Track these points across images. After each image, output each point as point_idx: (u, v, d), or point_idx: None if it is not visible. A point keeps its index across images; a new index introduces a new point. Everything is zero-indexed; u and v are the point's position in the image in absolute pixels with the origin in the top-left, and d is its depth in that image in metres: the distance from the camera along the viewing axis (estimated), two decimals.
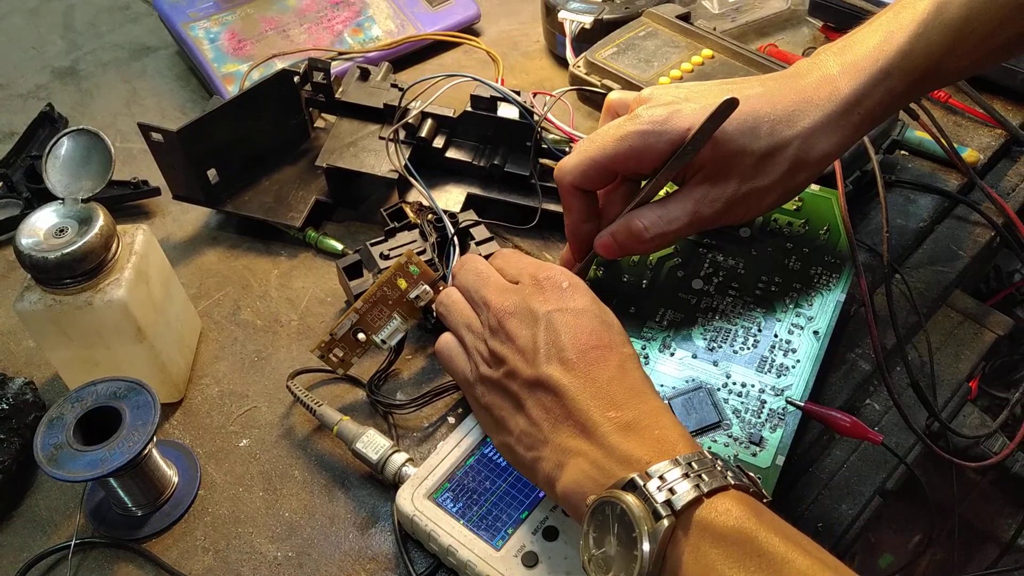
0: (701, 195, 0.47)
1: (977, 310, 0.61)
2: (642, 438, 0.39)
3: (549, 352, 0.42)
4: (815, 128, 0.47)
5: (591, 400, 0.40)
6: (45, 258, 0.46)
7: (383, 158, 0.63)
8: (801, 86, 0.48)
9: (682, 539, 0.35)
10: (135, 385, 0.47)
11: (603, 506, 0.37)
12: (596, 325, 0.43)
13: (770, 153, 0.46)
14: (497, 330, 0.45)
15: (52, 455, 0.45)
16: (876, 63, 0.47)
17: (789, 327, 0.50)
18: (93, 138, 0.51)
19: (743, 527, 0.34)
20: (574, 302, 0.44)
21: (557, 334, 0.43)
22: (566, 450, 0.40)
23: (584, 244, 0.52)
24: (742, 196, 0.47)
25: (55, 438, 0.45)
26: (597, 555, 0.37)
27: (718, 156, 0.46)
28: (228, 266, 0.64)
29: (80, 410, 0.46)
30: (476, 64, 0.80)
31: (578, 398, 0.41)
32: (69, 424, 0.46)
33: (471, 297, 0.48)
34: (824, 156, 0.47)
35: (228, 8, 0.79)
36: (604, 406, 0.40)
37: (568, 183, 0.49)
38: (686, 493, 0.35)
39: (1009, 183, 0.67)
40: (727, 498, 0.36)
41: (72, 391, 0.47)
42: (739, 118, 0.46)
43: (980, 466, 0.55)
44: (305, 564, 0.47)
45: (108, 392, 0.47)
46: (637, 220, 0.48)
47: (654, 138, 0.46)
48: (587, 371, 0.41)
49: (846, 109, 0.47)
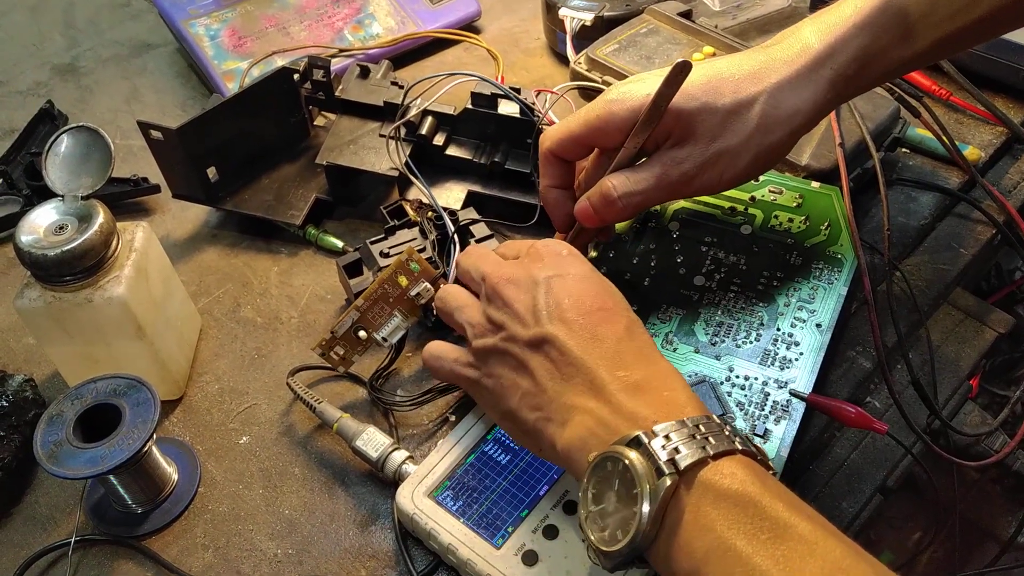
0: (668, 158, 0.48)
1: (978, 308, 0.61)
2: (650, 398, 0.38)
3: (551, 313, 0.42)
4: (782, 83, 0.46)
5: (599, 359, 0.40)
6: (45, 255, 0.46)
7: (383, 156, 0.63)
8: (771, 48, 0.48)
9: (683, 498, 0.34)
10: (135, 382, 0.47)
11: (605, 461, 0.36)
12: (599, 289, 0.43)
13: (735, 110, 0.46)
14: (494, 297, 0.45)
15: (52, 452, 0.45)
16: (849, 19, 0.46)
17: (792, 320, 0.50)
18: (93, 135, 0.51)
19: (747, 491, 0.34)
20: (574, 268, 0.44)
21: (558, 297, 0.42)
22: (571, 407, 0.40)
23: (557, 211, 0.53)
24: (711, 157, 0.47)
25: (55, 435, 0.45)
26: (595, 511, 0.36)
27: (683, 118, 0.46)
28: (228, 263, 0.64)
29: (80, 407, 0.46)
30: (476, 61, 0.80)
31: (584, 356, 0.40)
32: (69, 421, 0.46)
33: (471, 278, 0.48)
34: (794, 112, 0.47)
35: (228, 5, 0.79)
36: (611, 365, 0.39)
37: (546, 149, 0.52)
38: (691, 453, 0.35)
39: (1010, 181, 0.67)
40: (733, 462, 0.35)
41: (72, 388, 0.47)
42: (702, 79, 0.46)
43: (980, 465, 0.55)
44: (305, 561, 0.47)
45: (108, 389, 0.47)
46: (607, 181, 0.48)
47: (617, 106, 0.47)
48: (593, 330, 0.41)
49: (816, 64, 0.46)
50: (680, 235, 0.55)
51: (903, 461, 0.53)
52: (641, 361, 0.40)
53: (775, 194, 0.56)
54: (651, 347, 0.42)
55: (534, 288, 0.43)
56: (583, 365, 0.40)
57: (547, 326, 0.41)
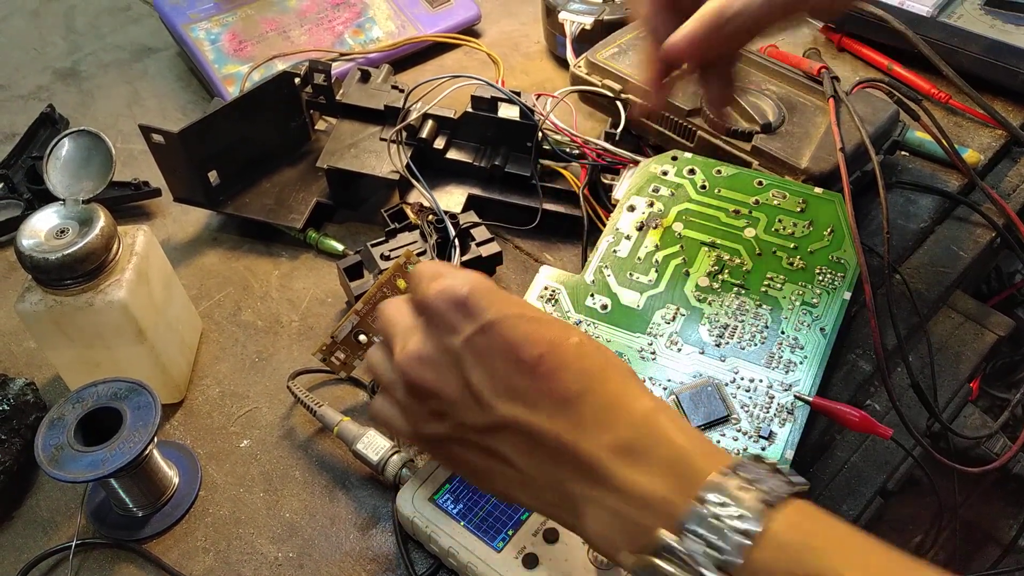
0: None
1: (978, 311, 0.61)
2: (650, 465, 0.32)
3: (494, 389, 0.34)
4: None
5: (575, 429, 0.33)
6: (46, 259, 0.46)
7: (384, 159, 0.63)
8: None
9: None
10: (136, 386, 0.47)
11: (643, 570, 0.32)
12: (525, 330, 0.34)
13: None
14: (417, 387, 0.36)
15: (53, 456, 0.45)
16: None
17: (796, 324, 0.51)
18: (94, 139, 0.51)
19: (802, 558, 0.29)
20: (485, 315, 0.35)
21: (490, 364, 0.34)
22: (575, 498, 0.34)
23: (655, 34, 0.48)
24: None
25: (56, 439, 0.45)
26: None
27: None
28: (229, 267, 0.64)
29: (81, 411, 0.46)
30: (476, 65, 0.80)
31: (559, 432, 0.33)
32: (70, 425, 0.46)
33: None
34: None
35: (229, 9, 0.80)
36: (590, 431, 0.33)
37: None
38: (733, 549, 0.29)
39: (1010, 184, 0.67)
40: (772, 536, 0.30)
41: (73, 392, 0.47)
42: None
43: (981, 471, 0.54)
44: (306, 565, 0.48)
45: (109, 393, 0.47)
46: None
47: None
48: (551, 390, 0.34)
49: None
50: (684, 236, 0.55)
51: (904, 464, 0.53)
52: (618, 407, 0.34)
53: (778, 198, 0.56)
54: (604, 361, 0.35)
55: (456, 362, 0.35)
56: (562, 444, 0.33)
57: (498, 408, 0.34)
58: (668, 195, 0.57)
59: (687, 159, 0.59)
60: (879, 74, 0.74)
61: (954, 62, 0.67)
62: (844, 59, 0.77)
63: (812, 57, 0.73)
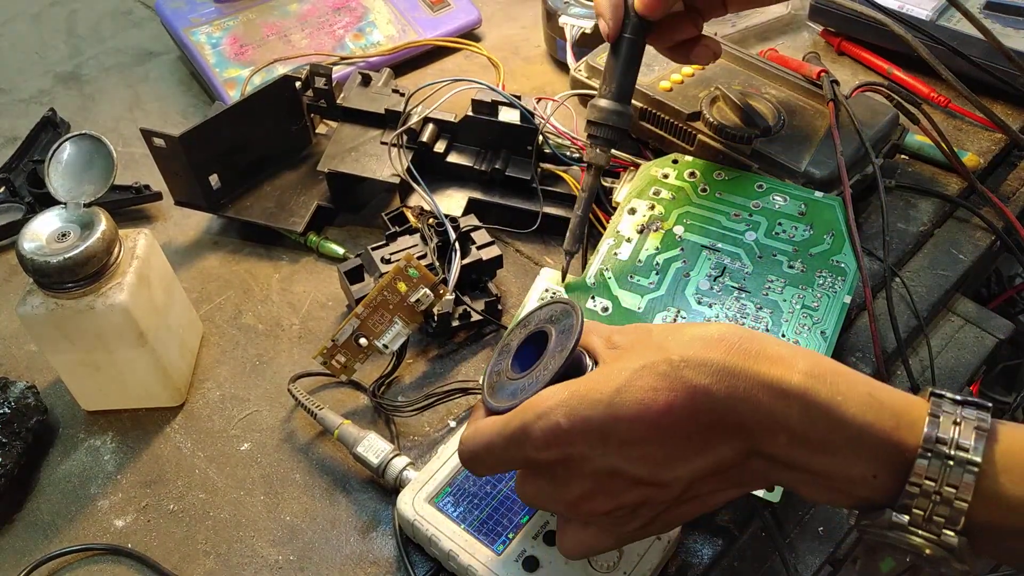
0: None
1: (978, 314, 0.61)
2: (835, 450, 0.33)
3: (655, 465, 0.34)
4: None
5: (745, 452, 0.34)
6: (47, 262, 0.47)
7: (384, 163, 0.63)
8: None
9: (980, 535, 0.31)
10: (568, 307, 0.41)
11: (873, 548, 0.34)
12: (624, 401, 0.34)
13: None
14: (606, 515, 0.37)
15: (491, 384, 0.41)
16: None
17: (796, 327, 0.51)
18: (95, 143, 0.52)
19: None
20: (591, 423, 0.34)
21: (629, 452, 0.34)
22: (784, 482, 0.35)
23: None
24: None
25: (499, 365, 0.41)
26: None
27: None
28: (230, 270, 0.64)
29: (523, 335, 0.42)
30: (477, 69, 0.80)
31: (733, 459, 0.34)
32: (511, 350, 0.42)
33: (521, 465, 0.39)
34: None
35: (230, 13, 0.80)
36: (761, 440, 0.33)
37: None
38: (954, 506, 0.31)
39: (1009, 187, 0.67)
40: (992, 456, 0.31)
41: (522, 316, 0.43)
42: None
43: None
44: (306, 568, 0.48)
45: (547, 316, 0.42)
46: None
47: None
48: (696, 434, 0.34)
49: None
50: (684, 239, 0.55)
51: None
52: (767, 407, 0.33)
53: (779, 202, 0.56)
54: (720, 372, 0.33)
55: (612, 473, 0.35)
56: (746, 465, 0.34)
57: (671, 477, 0.34)
58: (669, 198, 0.57)
59: (688, 162, 0.59)
60: (879, 78, 0.75)
61: (953, 65, 0.67)
62: (844, 63, 0.78)
63: (812, 61, 0.73)
